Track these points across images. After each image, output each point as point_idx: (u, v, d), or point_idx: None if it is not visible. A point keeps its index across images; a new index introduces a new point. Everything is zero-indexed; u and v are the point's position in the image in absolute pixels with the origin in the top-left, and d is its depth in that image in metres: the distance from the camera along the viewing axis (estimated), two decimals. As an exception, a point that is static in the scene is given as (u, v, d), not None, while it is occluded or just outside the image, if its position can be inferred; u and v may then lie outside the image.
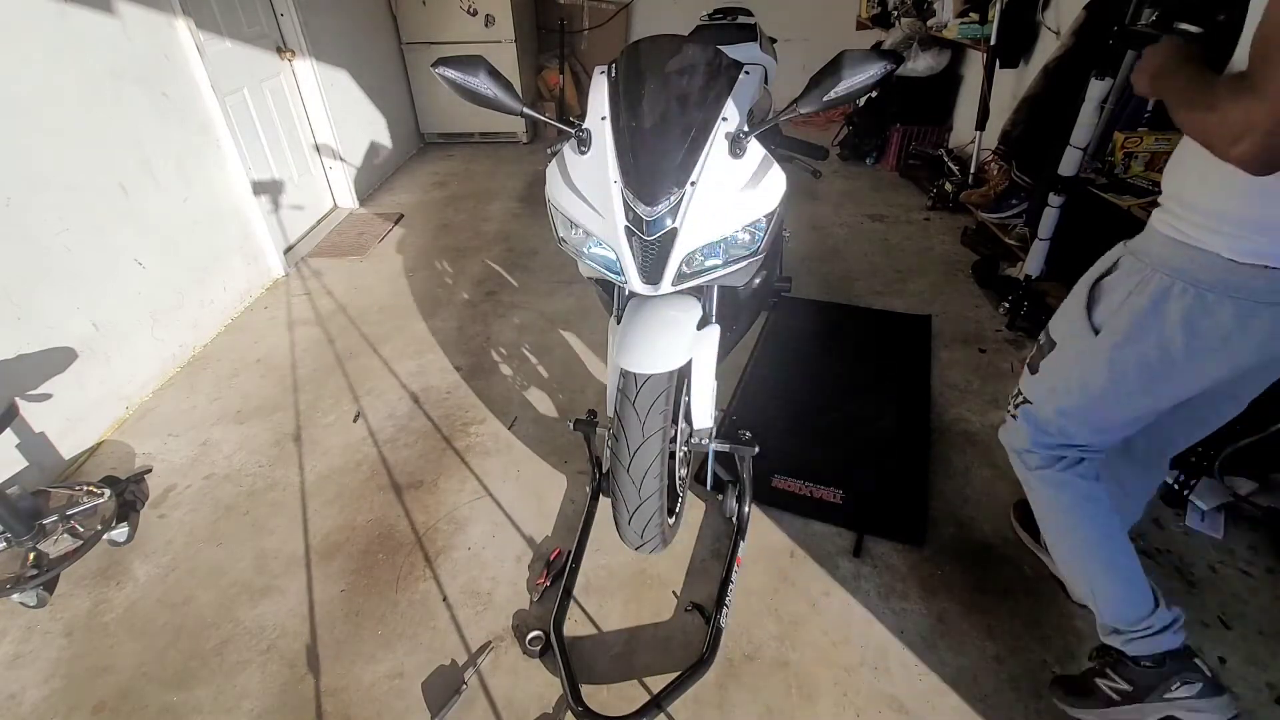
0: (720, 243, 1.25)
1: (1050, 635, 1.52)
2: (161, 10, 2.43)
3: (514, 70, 4.46)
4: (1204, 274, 0.97)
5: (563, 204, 1.31)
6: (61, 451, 2.06)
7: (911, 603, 1.61)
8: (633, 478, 1.33)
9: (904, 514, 1.82)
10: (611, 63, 1.41)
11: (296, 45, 3.35)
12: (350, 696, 1.47)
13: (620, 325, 1.33)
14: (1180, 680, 1.17)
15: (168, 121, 2.47)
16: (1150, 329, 1.04)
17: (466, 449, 2.11)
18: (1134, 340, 1.06)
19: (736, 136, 1.24)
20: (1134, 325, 1.06)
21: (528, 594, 1.66)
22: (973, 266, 2.98)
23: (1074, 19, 2.55)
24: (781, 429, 2.11)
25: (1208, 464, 1.74)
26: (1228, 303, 0.97)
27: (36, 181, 1.98)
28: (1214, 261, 0.96)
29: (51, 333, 2.02)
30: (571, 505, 1.90)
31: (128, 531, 1.82)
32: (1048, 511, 1.31)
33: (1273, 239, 0.92)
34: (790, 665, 1.49)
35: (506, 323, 2.76)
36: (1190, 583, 1.63)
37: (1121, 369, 1.09)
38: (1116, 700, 1.22)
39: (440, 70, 1.19)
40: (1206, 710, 1.16)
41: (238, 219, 2.87)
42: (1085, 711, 1.27)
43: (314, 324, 2.78)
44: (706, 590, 1.65)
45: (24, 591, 1.62)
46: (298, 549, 1.80)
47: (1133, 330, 1.06)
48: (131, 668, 1.53)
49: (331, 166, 3.74)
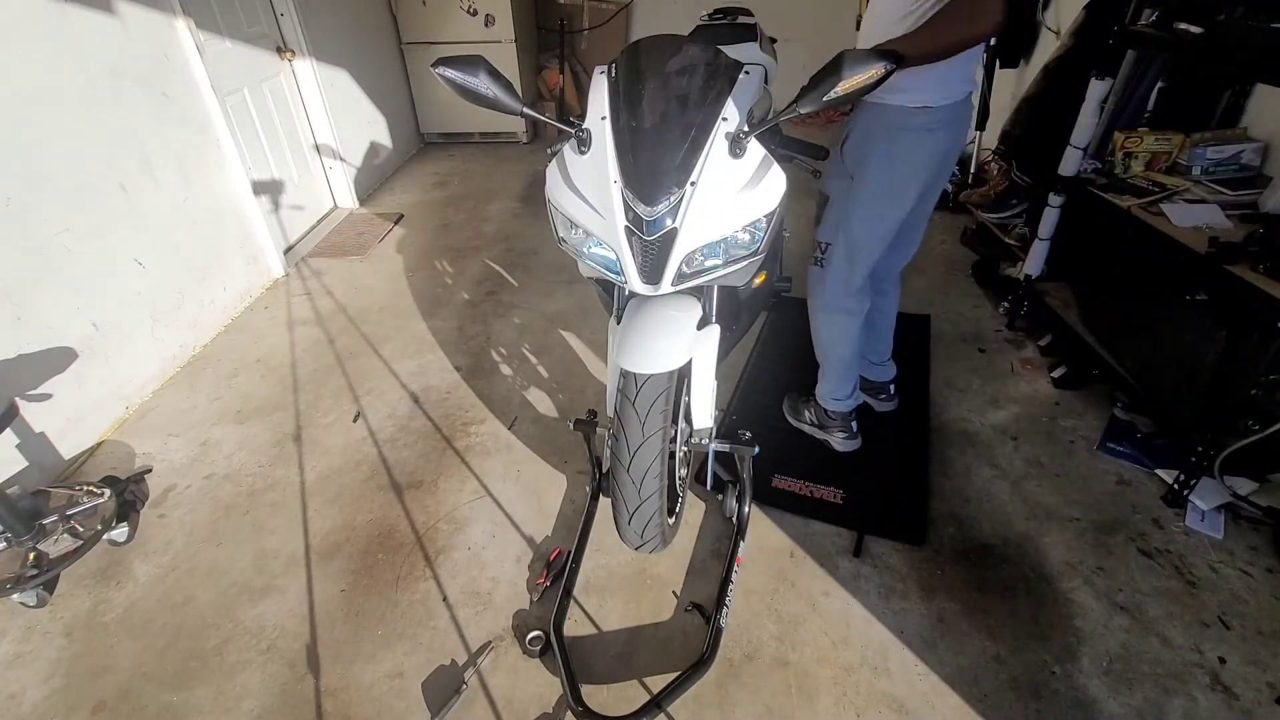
0: (720, 243, 1.25)
1: (1050, 635, 1.52)
2: (161, 10, 2.43)
3: (514, 70, 4.45)
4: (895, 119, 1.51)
5: (563, 204, 1.31)
6: (61, 451, 2.07)
7: (911, 603, 1.61)
8: (633, 478, 1.33)
9: (904, 514, 1.82)
10: (611, 63, 1.41)
11: (296, 45, 3.35)
12: (350, 696, 1.47)
13: (620, 325, 1.33)
14: (840, 429, 1.99)
15: (168, 121, 2.47)
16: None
17: (466, 449, 2.11)
18: (864, 167, 1.60)
19: (736, 136, 1.24)
20: (862, 159, 1.59)
21: (528, 594, 1.66)
22: (973, 266, 2.98)
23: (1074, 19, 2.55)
24: (782, 429, 2.11)
25: (1208, 464, 1.74)
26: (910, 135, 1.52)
27: (36, 181, 1.98)
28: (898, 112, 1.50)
29: (51, 333, 2.02)
30: (571, 505, 1.90)
31: (128, 531, 1.82)
32: (841, 330, 1.83)
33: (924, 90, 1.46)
34: (790, 665, 1.49)
35: (506, 323, 2.76)
36: (1190, 583, 1.63)
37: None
38: (814, 425, 2.05)
39: (440, 70, 1.19)
40: (846, 446, 2.00)
41: (238, 219, 2.87)
42: (797, 423, 2.10)
43: (314, 324, 2.78)
44: (706, 590, 1.65)
45: (24, 591, 1.62)
46: (298, 549, 1.80)
47: (864, 162, 1.59)
48: (131, 668, 1.53)
49: (331, 166, 3.74)
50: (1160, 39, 1.88)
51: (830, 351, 1.88)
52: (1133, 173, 2.16)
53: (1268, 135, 2.06)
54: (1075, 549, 1.72)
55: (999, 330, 2.59)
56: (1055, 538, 1.75)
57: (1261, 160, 2.06)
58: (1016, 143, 2.88)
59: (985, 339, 2.55)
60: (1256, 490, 1.76)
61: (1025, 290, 2.51)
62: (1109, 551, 1.71)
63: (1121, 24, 2.01)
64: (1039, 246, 2.42)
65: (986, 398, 2.25)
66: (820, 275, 1.79)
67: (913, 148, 1.54)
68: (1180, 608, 1.57)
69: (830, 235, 1.74)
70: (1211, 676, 1.43)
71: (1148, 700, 1.40)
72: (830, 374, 1.93)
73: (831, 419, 1.99)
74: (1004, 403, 2.23)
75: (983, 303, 2.77)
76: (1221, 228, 1.84)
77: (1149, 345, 1.95)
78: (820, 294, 1.81)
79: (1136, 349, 2.02)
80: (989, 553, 1.72)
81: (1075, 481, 1.92)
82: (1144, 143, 2.14)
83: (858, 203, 1.64)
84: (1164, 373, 1.89)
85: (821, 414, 2.00)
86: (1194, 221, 1.86)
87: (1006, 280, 2.74)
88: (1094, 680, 1.43)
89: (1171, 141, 2.12)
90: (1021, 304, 2.53)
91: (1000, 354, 2.46)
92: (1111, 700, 1.40)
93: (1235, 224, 1.85)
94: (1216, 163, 2.06)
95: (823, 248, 1.76)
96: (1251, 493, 1.76)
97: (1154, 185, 2.05)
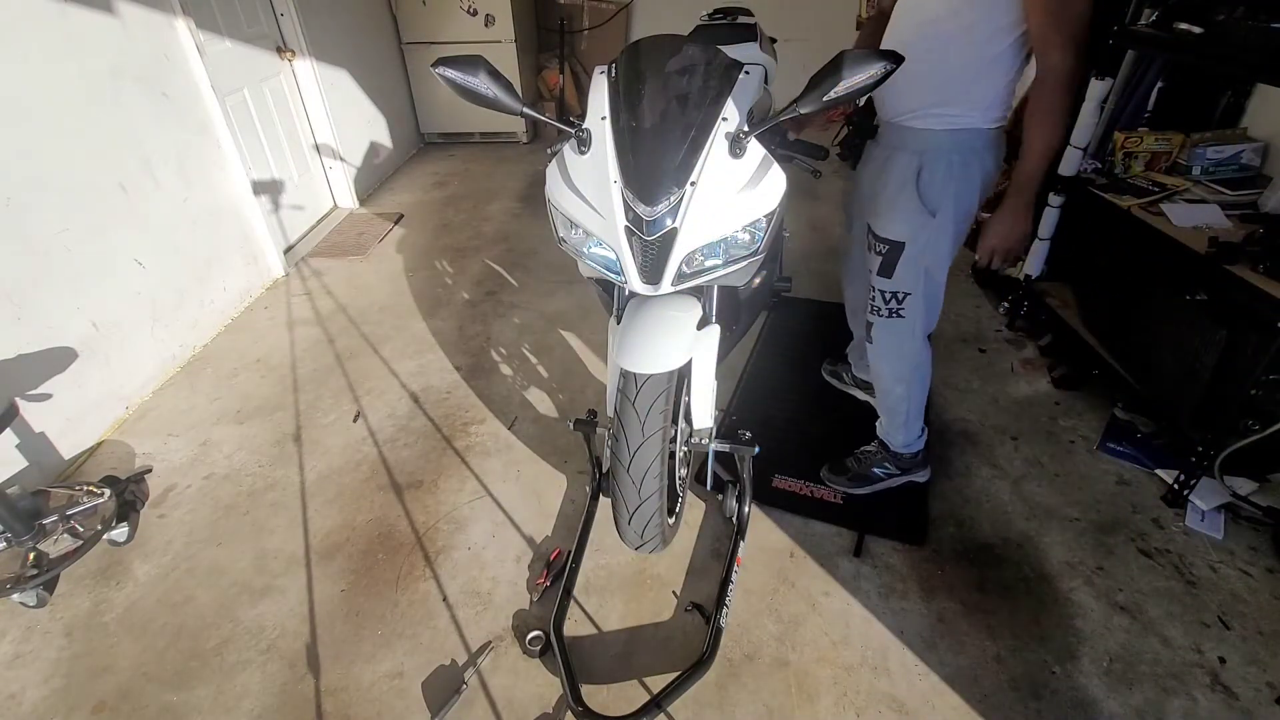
0: (720, 243, 1.25)
1: (1050, 635, 1.52)
2: (161, 10, 2.43)
3: (514, 70, 4.45)
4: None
5: (563, 204, 1.31)
6: (61, 451, 2.06)
7: (911, 603, 1.61)
8: (633, 478, 1.33)
9: (904, 514, 1.82)
10: (611, 63, 1.41)
11: (296, 45, 3.35)
12: (350, 696, 1.47)
13: (620, 325, 1.33)
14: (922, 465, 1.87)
15: (167, 121, 2.47)
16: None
17: (466, 449, 2.11)
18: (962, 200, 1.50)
19: (736, 136, 1.24)
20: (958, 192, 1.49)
21: (528, 594, 1.66)
22: (973, 266, 2.98)
23: (1074, 19, 2.54)
24: (781, 429, 2.11)
25: (1208, 464, 1.74)
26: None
27: (36, 181, 1.98)
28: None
29: (51, 333, 2.02)
30: (571, 505, 1.90)
31: (128, 531, 1.82)
32: (920, 377, 1.70)
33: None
34: (790, 665, 1.49)
35: (506, 323, 2.76)
36: (1190, 583, 1.63)
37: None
38: (893, 475, 1.86)
39: (440, 70, 1.19)
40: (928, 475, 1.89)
41: (238, 219, 2.87)
42: (862, 488, 1.87)
43: (314, 324, 2.78)
44: (706, 590, 1.65)
45: (24, 591, 1.62)
46: (298, 549, 1.80)
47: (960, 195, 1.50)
48: (131, 668, 1.53)
49: (331, 166, 3.74)
50: (1160, 39, 1.88)
51: (913, 402, 1.73)
52: (1133, 173, 2.16)
53: (1268, 135, 2.06)
54: (1075, 549, 1.72)
55: (999, 330, 2.59)
56: (1055, 538, 1.75)
57: (1261, 160, 2.06)
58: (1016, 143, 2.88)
59: (985, 339, 2.55)
60: (1256, 490, 1.76)
61: (1025, 290, 2.51)
62: (1109, 551, 1.71)
63: (1121, 24, 2.01)
64: (1039, 246, 2.42)
65: (987, 398, 2.25)
66: (894, 328, 1.62)
67: (994, 171, 1.49)
68: (1180, 608, 1.57)
69: (910, 283, 1.55)
70: (1211, 676, 1.43)
71: (1148, 700, 1.40)
72: (911, 420, 1.76)
73: (915, 459, 1.83)
74: (1004, 403, 2.23)
75: (983, 303, 2.77)
76: (1221, 228, 1.84)
77: (1149, 345, 1.95)
78: (901, 347, 1.64)
79: (1136, 349, 2.02)
80: (989, 553, 1.72)
81: (1075, 481, 1.92)
82: (1144, 143, 2.14)
83: (943, 241, 1.52)
84: (1164, 373, 1.89)
85: (902, 460, 1.83)
86: (1194, 221, 1.86)
87: (1006, 280, 2.74)
88: (1094, 680, 1.43)
89: (1171, 141, 2.13)
90: (1021, 304, 2.53)
91: (1000, 354, 2.46)
92: (1111, 700, 1.40)
93: (1235, 224, 1.85)
94: (1216, 163, 2.06)
95: (899, 298, 1.57)
96: (1251, 493, 1.76)
97: (1154, 185, 2.05)
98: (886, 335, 1.65)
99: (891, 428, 1.79)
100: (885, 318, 1.62)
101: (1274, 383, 1.61)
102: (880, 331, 1.65)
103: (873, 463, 1.86)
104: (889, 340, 1.65)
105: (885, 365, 1.70)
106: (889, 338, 1.65)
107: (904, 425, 1.77)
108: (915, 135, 1.48)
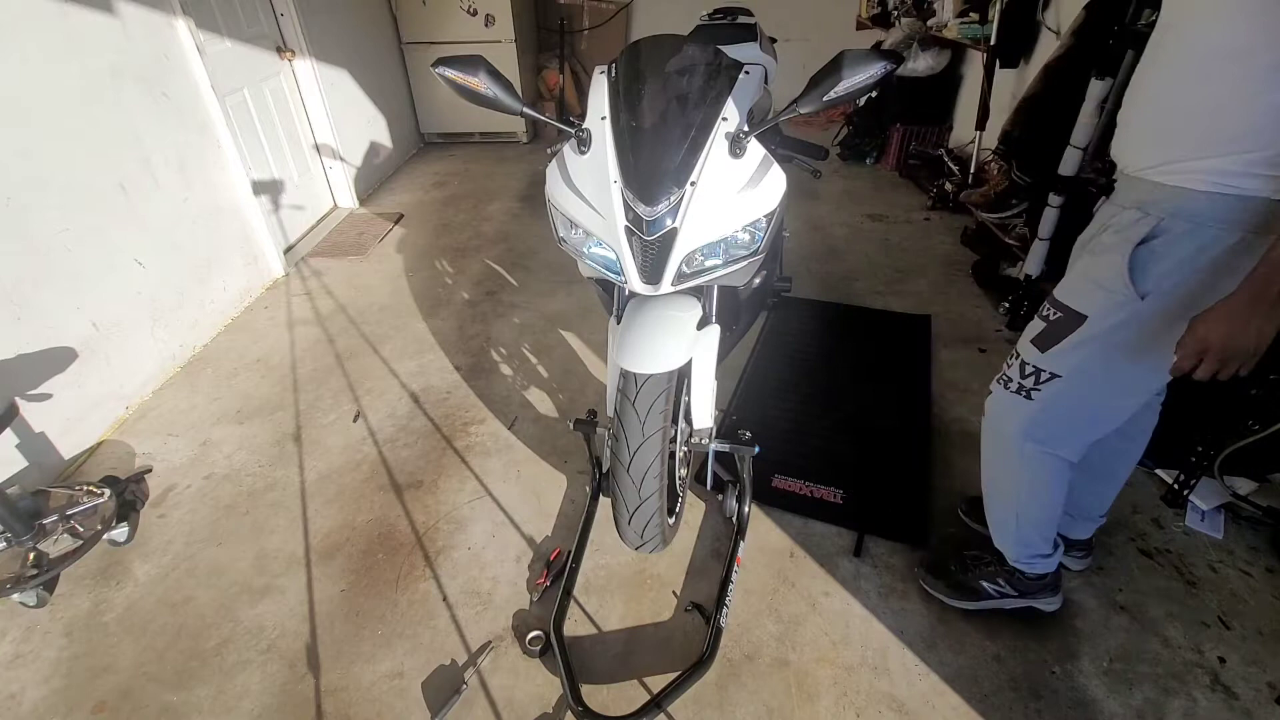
0: (720, 243, 1.25)
1: (1050, 635, 1.52)
2: (161, 10, 2.43)
3: (514, 70, 4.45)
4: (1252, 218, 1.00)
5: (563, 204, 1.31)
6: (61, 451, 2.06)
7: (911, 603, 1.61)
8: (633, 478, 1.33)
9: (904, 514, 1.82)
10: (611, 63, 1.41)
11: (296, 45, 3.35)
12: (350, 696, 1.47)
13: (620, 325, 1.33)
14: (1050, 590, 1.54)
15: (167, 121, 2.47)
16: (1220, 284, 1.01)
17: (466, 449, 2.11)
18: (1201, 300, 1.02)
19: (736, 136, 1.24)
20: (1202, 285, 1.04)
21: (528, 594, 1.66)
22: (973, 266, 2.98)
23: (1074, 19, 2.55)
24: (781, 429, 2.11)
25: (1208, 464, 1.74)
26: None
27: (36, 181, 1.98)
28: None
29: (51, 333, 2.02)
30: (571, 505, 1.90)
31: (128, 531, 1.82)
32: (1029, 480, 1.38)
33: None
34: (790, 665, 1.49)
35: (506, 323, 2.76)
36: (1190, 583, 1.63)
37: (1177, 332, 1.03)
38: (1007, 595, 1.55)
39: (440, 70, 1.19)
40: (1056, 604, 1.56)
41: (238, 219, 2.87)
42: (964, 602, 1.58)
43: (314, 324, 2.78)
44: (706, 590, 1.65)
45: (24, 591, 1.62)
46: (298, 549, 1.80)
47: (1200, 290, 1.04)
48: (131, 668, 1.53)
49: (331, 166, 3.74)
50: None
51: (1023, 517, 1.42)
52: (1133, 173, 2.15)
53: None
54: (1075, 549, 1.72)
55: (999, 330, 2.59)
56: (1055, 538, 1.75)
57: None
58: (1016, 143, 2.88)
59: (985, 339, 2.55)
60: (1256, 490, 1.76)
61: (1025, 290, 2.51)
62: (1109, 551, 1.71)
63: (1121, 24, 2.01)
64: (1039, 246, 2.42)
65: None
66: (1013, 405, 1.30)
67: (1253, 260, 0.96)
68: (1180, 608, 1.57)
69: (1061, 365, 1.20)
70: (1211, 676, 1.43)
71: (1148, 700, 1.40)
72: (1024, 532, 1.43)
73: (1039, 581, 1.50)
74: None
75: (983, 303, 2.77)
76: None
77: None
78: (1016, 421, 1.31)
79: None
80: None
81: (1075, 481, 1.92)
82: (1144, 143, 2.14)
83: (1142, 338, 1.12)
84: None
85: (1020, 581, 1.51)
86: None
87: (1006, 280, 2.74)
88: (1094, 680, 1.43)
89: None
90: (1021, 304, 2.53)
91: (1001, 354, 2.46)
92: (1111, 700, 1.40)
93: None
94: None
95: (1039, 375, 1.23)
96: (1251, 493, 1.76)
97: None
98: (999, 411, 1.35)
99: (1000, 535, 1.50)
100: (1009, 390, 1.30)
101: (1274, 383, 1.61)
102: (995, 406, 1.36)
103: (982, 575, 1.55)
104: (1000, 411, 1.35)
105: (987, 450, 1.45)
106: (1000, 409, 1.35)
107: (1015, 539, 1.46)
108: (1162, 193, 1.07)
